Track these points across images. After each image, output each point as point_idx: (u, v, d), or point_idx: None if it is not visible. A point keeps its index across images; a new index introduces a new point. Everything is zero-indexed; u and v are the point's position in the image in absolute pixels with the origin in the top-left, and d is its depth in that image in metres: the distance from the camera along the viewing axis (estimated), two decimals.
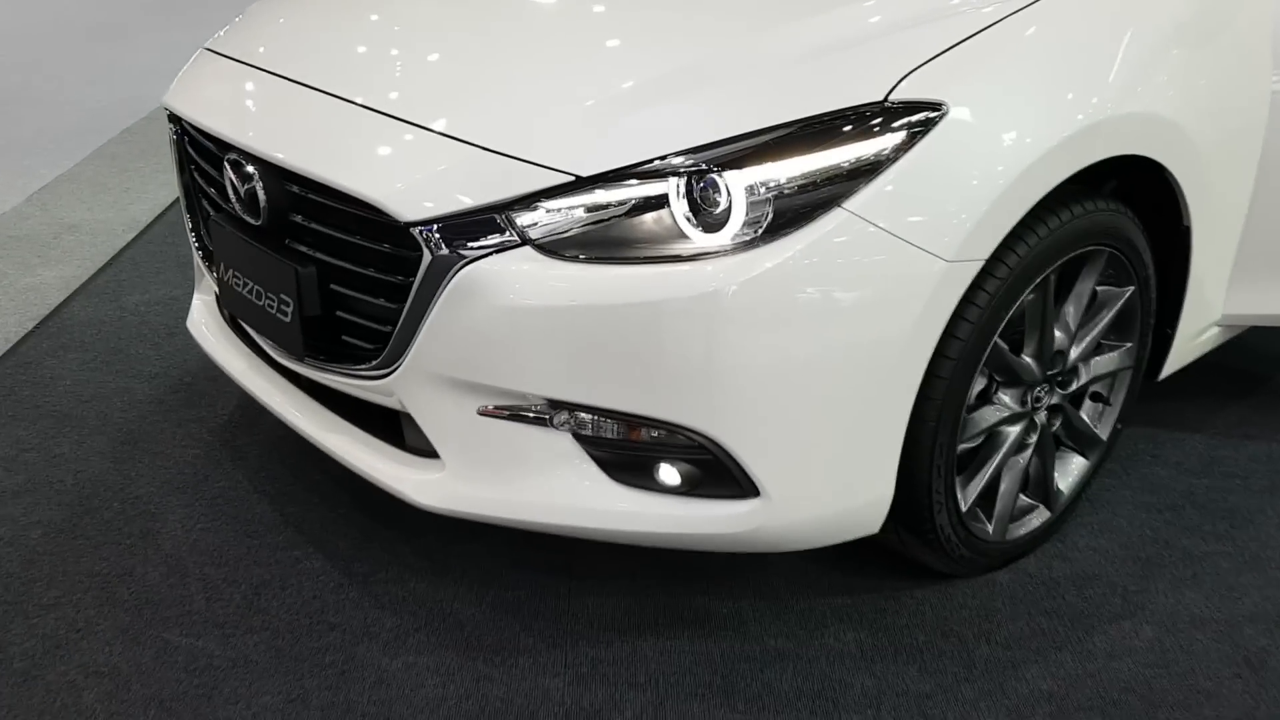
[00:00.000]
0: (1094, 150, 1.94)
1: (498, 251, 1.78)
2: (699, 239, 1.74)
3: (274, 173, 2.00)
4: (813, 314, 1.74)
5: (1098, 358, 2.26)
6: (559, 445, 1.86)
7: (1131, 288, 2.22)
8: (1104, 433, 2.35)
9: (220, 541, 2.36)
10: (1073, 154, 1.90)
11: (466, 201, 1.77)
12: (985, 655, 2.04)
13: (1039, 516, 2.28)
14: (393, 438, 2.07)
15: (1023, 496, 2.25)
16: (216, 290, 2.36)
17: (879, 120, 1.75)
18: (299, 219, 2.01)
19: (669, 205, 1.74)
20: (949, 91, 1.79)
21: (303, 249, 2.01)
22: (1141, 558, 2.29)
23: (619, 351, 1.76)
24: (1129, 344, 2.30)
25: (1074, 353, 2.19)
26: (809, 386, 1.78)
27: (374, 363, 1.94)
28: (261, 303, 2.10)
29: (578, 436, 1.85)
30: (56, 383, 2.99)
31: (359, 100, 1.96)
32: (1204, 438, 2.68)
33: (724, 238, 1.73)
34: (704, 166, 1.72)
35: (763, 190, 1.72)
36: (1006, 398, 2.11)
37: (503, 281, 1.77)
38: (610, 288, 1.74)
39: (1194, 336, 2.46)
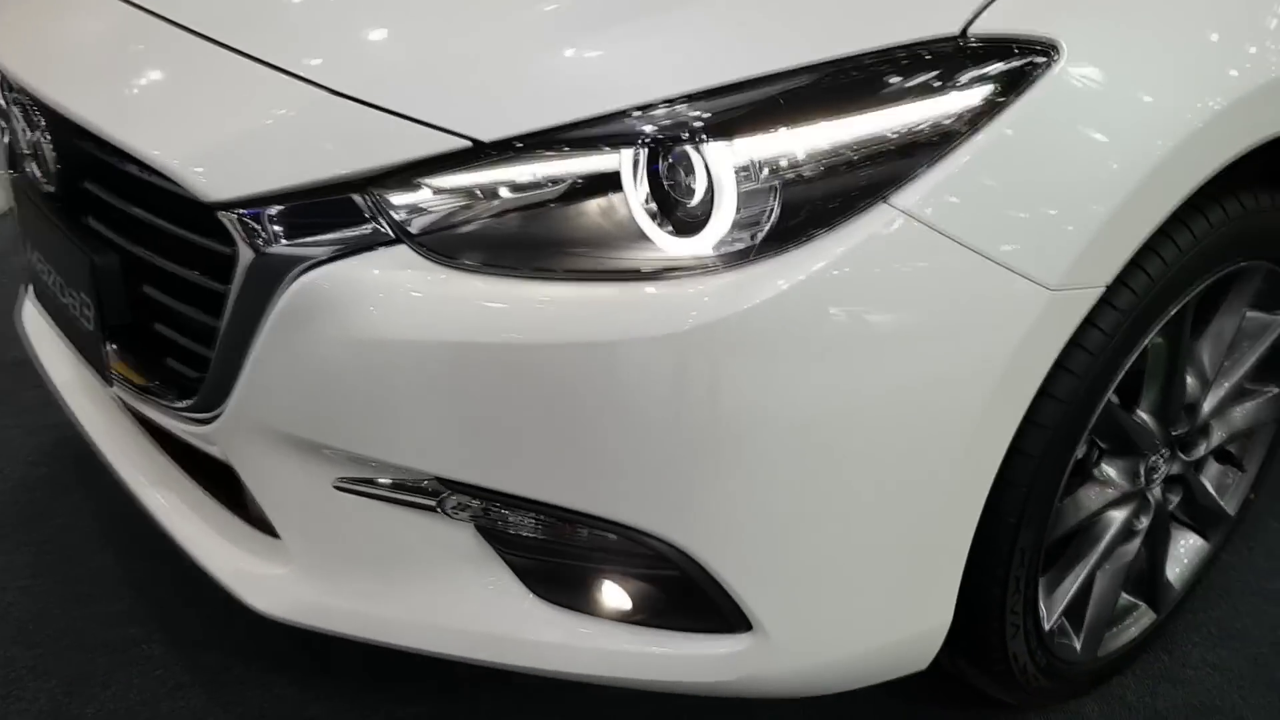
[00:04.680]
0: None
1: (357, 251, 1.16)
2: (668, 244, 1.11)
3: (60, 119, 1.37)
4: (839, 370, 1.11)
5: (1235, 409, 1.63)
6: (456, 542, 1.25)
7: None
8: (1232, 506, 1.72)
9: (40, 608, 1.77)
10: (1248, 122, 1.25)
11: (308, 172, 1.15)
12: None
13: (1142, 619, 1.66)
14: (236, 500, 1.46)
15: (1122, 594, 1.63)
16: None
17: (951, 67, 1.11)
18: (98, 190, 1.39)
19: (621, 190, 1.11)
20: (1068, 23, 1.14)
21: (106, 232, 1.39)
22: (1278, 681, 1.67)
23: (542, 415, 1.14)
24: (1274, 389, 1.66)
25: (1208, 405, 1.56)
26: (829, 477, 1.15)
27: (191, 401, 1.33)
28: (66, 300, 1.49)
29: (484, 531, 1.24)
30: None
31: (181, 20, 1.32)
32: None
33: (703, 244, 1.10)
34: (669, 133, 1.09)
35: (764, 173, 1.08)
36: (1113, 472, 1.48)
37: (364, 298, 1.15)
38: (531, 318, 1.12)
39: None
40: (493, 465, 1.17)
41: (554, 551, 1.23)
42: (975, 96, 1.11)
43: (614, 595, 1.23)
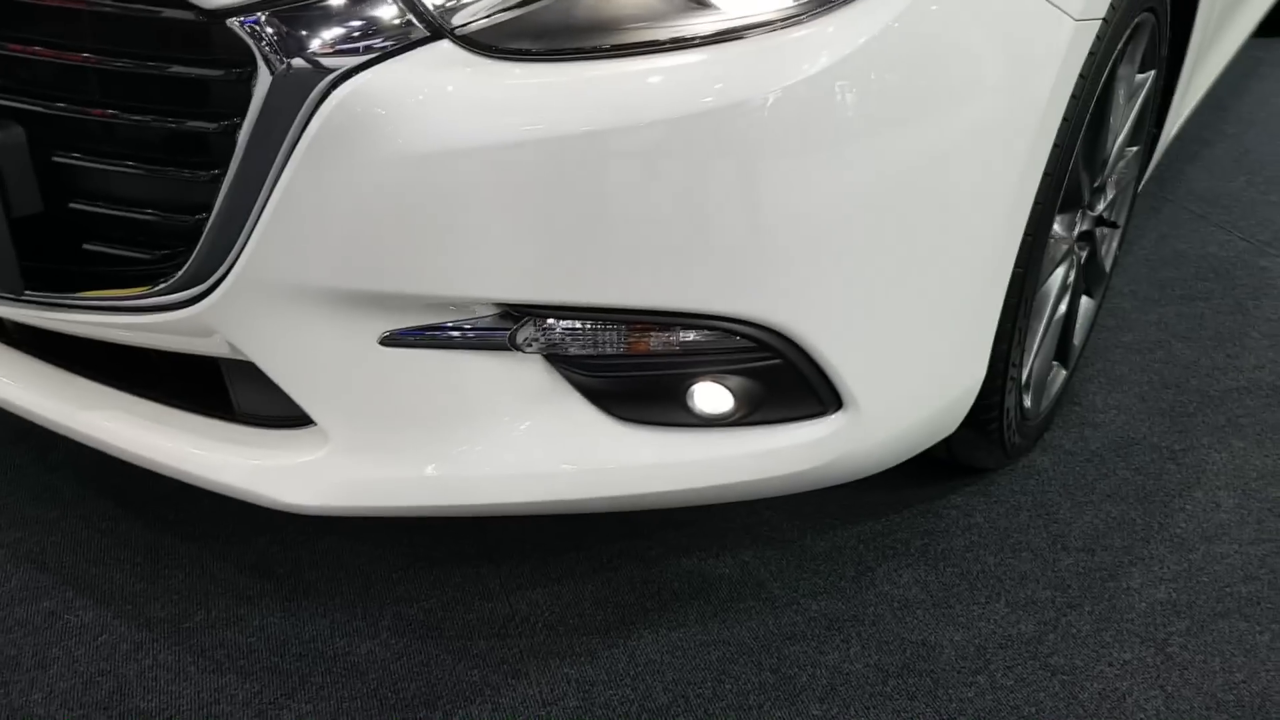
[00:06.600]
0: None
1: (393, 54, 1.01)
2: (730, 5, 1.05)
3: None
4: (921, 121, 1.10)
5: (1119, 166, 1.77)
6: (524, 379, 1.14)
7: (1152, 72, 1.73)
8: (1108, 263, 1.89)
9: None
10: None
11: None
12: (1073, 568, 1.54)
13: (1059, 377, 1.80)
14: (204, 404, 1.26)
15: None
16: None
17: None
18: None
19: None
20: None
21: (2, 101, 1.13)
22: (1165, 410, 1.86)
23: (622, 209, 1.05)
24: (1136, 148, 1.82)
25: (1111, 160, 1.69)
26: (909, 238, 1.15)
27: (170, 282, 1.12)
28: None
29: (555, 359, 1.14)
30: None
31: None
32: (1146, 250, 2.29)
33: None
34: None
35: None
36: (1058, 226, 1.58)
37: (411, 106, 1.01)
38: (607, 99, 1.03)
39: (1168, 137, 2.04)
40: (566, 275, 1.07)
41: (639, 366, 1.15)
42: None
43: (709, 398, 1.17)
